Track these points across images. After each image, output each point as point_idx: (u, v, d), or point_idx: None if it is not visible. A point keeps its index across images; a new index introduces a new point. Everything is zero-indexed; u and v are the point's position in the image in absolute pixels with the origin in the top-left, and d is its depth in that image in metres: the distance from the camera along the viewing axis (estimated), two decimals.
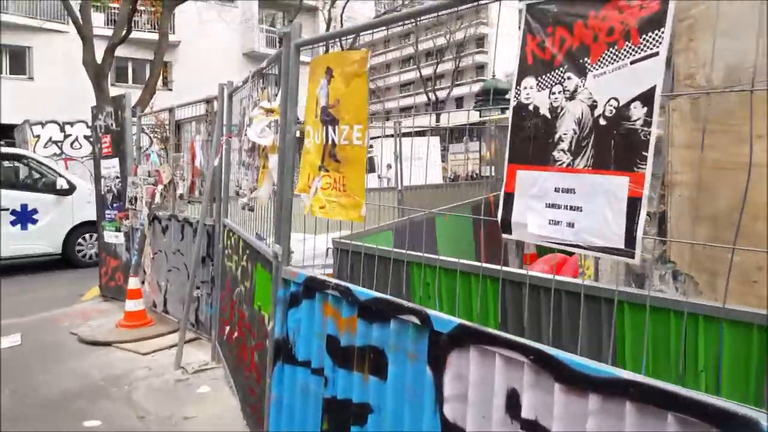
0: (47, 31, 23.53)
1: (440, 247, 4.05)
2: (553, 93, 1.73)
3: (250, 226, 4.61)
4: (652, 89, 1.48)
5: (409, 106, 46.62)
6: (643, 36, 1.50)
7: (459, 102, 44.97)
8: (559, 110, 1.72)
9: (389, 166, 12.24)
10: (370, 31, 2.79)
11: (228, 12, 27.42)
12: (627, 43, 1.54)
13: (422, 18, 2.50)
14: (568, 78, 1.69)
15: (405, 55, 47.96)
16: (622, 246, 1.53)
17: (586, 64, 1.64)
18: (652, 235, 3.04)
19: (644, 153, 1.49)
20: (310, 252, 3.99)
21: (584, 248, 1.63)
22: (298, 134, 3.09)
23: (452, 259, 3.01)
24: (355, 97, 2.62)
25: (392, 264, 3.33)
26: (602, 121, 1.60)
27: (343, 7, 28.94)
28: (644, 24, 1.49)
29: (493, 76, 19.56)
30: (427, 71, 37.57)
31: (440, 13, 2.35)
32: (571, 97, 1.68)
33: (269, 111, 3.46)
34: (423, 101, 39.09)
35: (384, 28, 2.74)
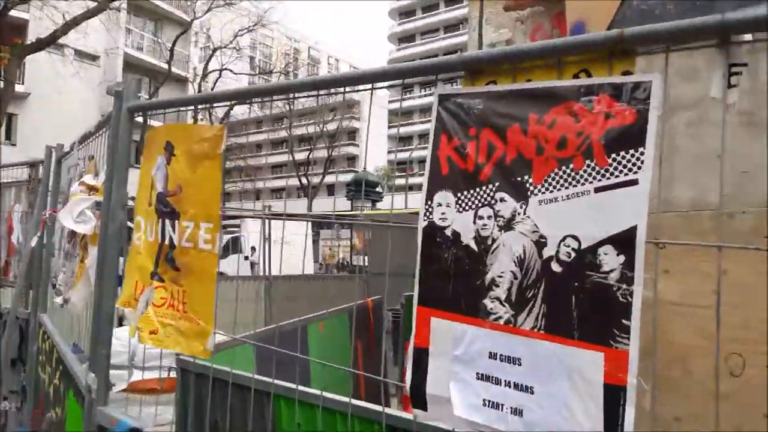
0: None
1: (314, 367, 3.38)
2: (480, 217, 1.25)
3: (68, 329, 3.61)
4: (632, 231, 1.03)
5: (280, 188, 46.44)
6: (614, 156, 1.07)
7: (331, 189, 45.64)
8: (489, 242, 1.23)
9: (254, 249, 11.46)
10: (229, 103, 2.22)
11: (88, 70, 25.32)
12: (588, 162, 1.10)
13: (297, 96, 2.02)
14: (502, 200, 1.22)
15: (279, 137, 48.29)
16: None
17: (527, 184, 1.18)
18: None
19: (625, 321, 1.03)
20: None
21: None
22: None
23: (338, 397, 2.33)
24: (204, 186, 1.98)
25: (254, 395, 2.57)
26: (556, 267, 1.13)
27: (215, 81, 28.01)
28: (615, 139, 1.07)
29: (364, 168, 20.07)
30: (299, 156, 38.02)
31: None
32: (507, 227, 1.20)
33: (92, 189, 2.67)
34: (295, 185, 39.25)
35: (251, 101, 2.20)
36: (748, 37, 0.98)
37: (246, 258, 12.40)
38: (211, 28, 30.39)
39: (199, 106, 2.35)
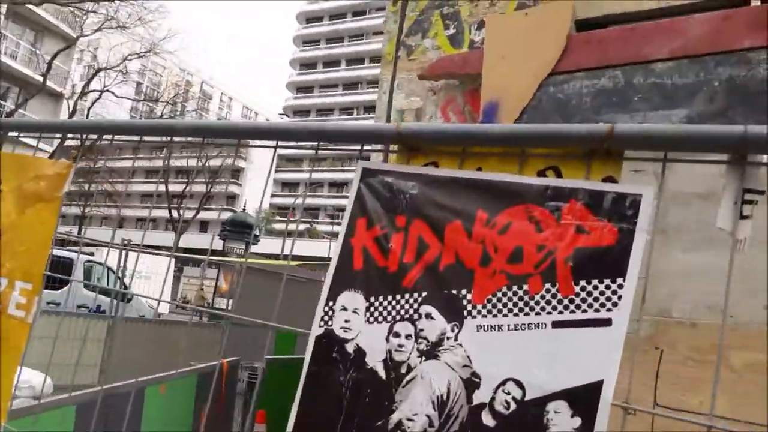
0: None
1: None
2: (396, 335, 0.95)
3: None
4: (596, 387, 0.78)
5: (147, 217, 43.51)
6: (583, 284, 0.83)
7: (203, 225, 43.73)
8: (403, 370, 0.93)
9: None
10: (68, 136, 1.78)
11: None
12: (549, 286, 0.85)
13: (177, 140, 1.65)
14: (428, 316, 0.93)
15: (154, 166, 45.34)
16: None
17: (464, 301, 0.91)
18: None
19: None
20: None
21: None
22: None
23: None
24: (31, 235, 1.51)
25: None
26: (488, 419, 0.85)
27: (94, 102, 25.75)
28: (586, 261, 0.83)
29: (244, 209, 19.28)
30: (174, 188, 35.88)
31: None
32: (431, 353, 0.91)
33: None
34: (165, 216, 36.79)
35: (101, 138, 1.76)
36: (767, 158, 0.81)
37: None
38: (99, 48, 28.33)
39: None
